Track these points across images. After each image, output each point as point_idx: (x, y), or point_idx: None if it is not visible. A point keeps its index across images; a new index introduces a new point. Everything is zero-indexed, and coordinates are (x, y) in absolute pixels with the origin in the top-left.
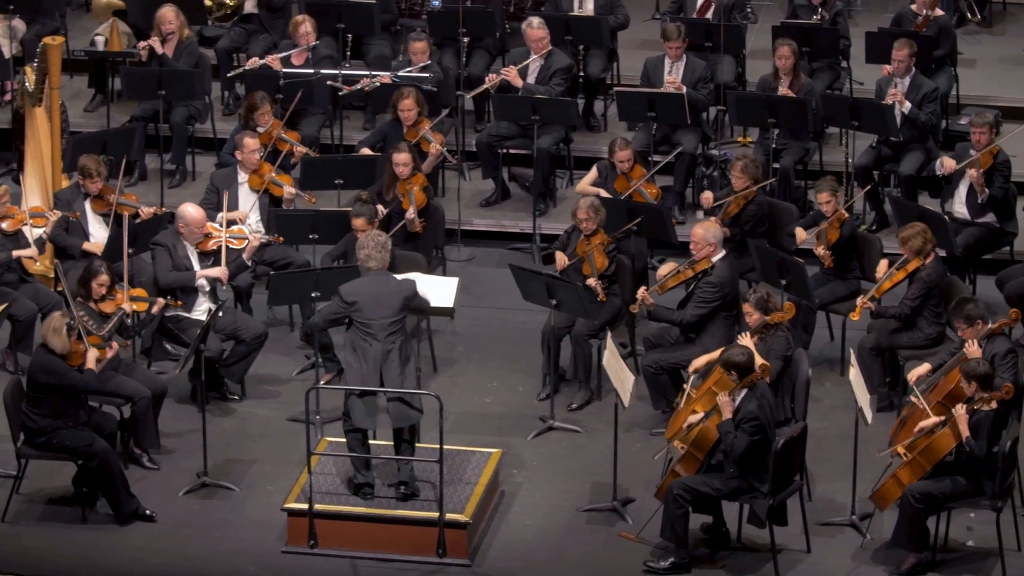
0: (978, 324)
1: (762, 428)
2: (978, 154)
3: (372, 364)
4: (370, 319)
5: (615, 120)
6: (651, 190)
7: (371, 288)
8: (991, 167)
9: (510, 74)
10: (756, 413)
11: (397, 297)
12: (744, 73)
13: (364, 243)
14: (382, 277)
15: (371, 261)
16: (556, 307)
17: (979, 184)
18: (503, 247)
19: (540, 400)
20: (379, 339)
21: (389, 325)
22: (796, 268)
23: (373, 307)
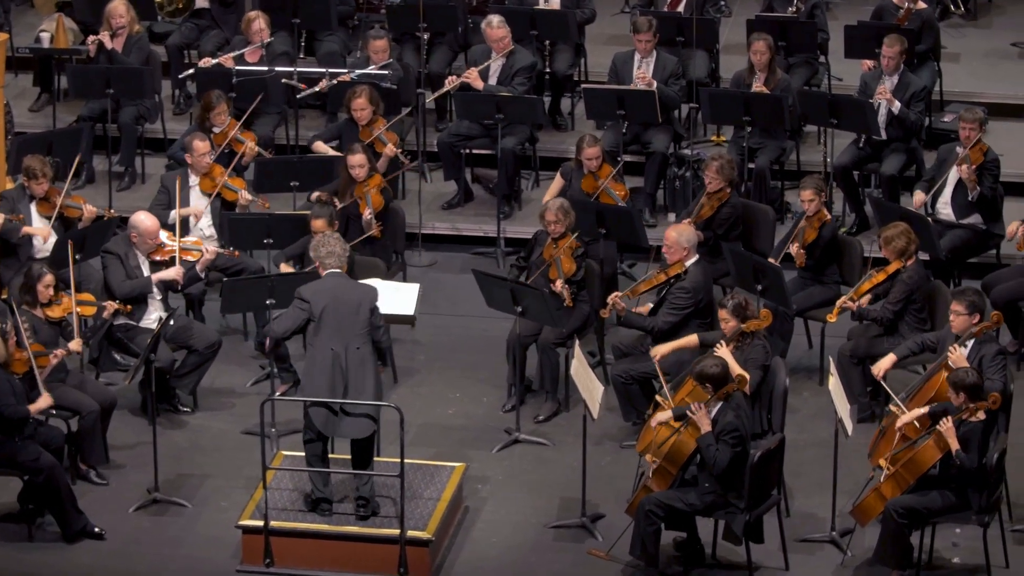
0: (975, 316)
1: (742, 440)
2: (967, 150)
3: (332, 368)
4: (330, 321)
5: (583, 119)
6: (620, 190)
7: (331, 289)
8: (980, 166)
9: (471, 76)
10: (736, 424)
11: (360, 303)
12: (717, 69)
13: (323, 242)
14: (342, 279)
15: (331, 258)
16: (521, 314)
17: (971, 180)
18: (466, 252)
19: (505, 412)
20: (340, 342)
21: (350, 328)
22: (772, 273)
23: (333, 309)
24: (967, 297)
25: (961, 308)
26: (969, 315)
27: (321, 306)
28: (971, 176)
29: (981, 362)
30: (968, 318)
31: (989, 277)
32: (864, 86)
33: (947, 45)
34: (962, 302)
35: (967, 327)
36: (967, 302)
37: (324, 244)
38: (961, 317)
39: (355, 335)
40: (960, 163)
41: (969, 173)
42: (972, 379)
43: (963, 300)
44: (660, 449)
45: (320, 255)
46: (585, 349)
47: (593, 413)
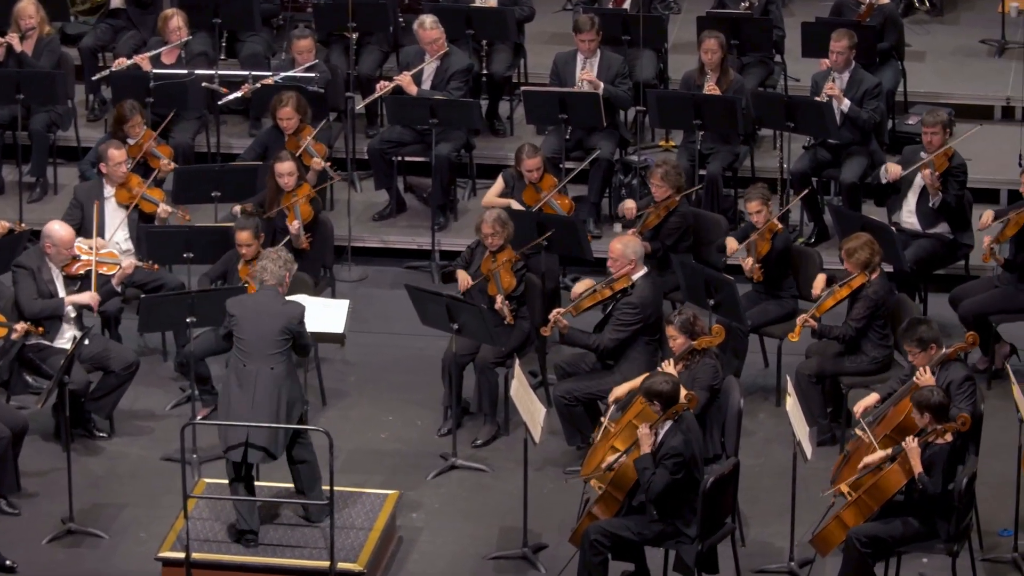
0: (932, 349)
1: (685, 465)
2: (931, 155)
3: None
4: (246, 337)
5: (522, 123)
6: (563, 202)
7: (255, 302)
8: (945, 171)
9: (403, 81)
10: (680, 449)
11: (279, 319)
12: (666, 69)
13: (266, 254)
14: (270, 295)
15: (265, 274)
16: (458, 332)
17: (934, 186)
18: (398, 265)
19: (441, 436)
20: (254, 360)
21: (269, 345)
22: (725, 287)
23: (252, 324)
24: (912, 336)
25: (913, 348)
26: (924, 351)
27: (239, 319)
28: (935, 183)
29: (948, 388)
30: (925, 354)
31: (957, 290)
32: (815, 87)
33: (911, 43)
34: (911, 343)
35: (929, 360)
36: (915, 341)
37: (264, 257)
38: (918, 356)
39: (270, 354)
40: (923, 168)
41: (933, 179)
42: (938, 398)
43: (911, 340)
44: (606, 475)
45: (254, 269)
46: (526, 369)
47: (535, 437)
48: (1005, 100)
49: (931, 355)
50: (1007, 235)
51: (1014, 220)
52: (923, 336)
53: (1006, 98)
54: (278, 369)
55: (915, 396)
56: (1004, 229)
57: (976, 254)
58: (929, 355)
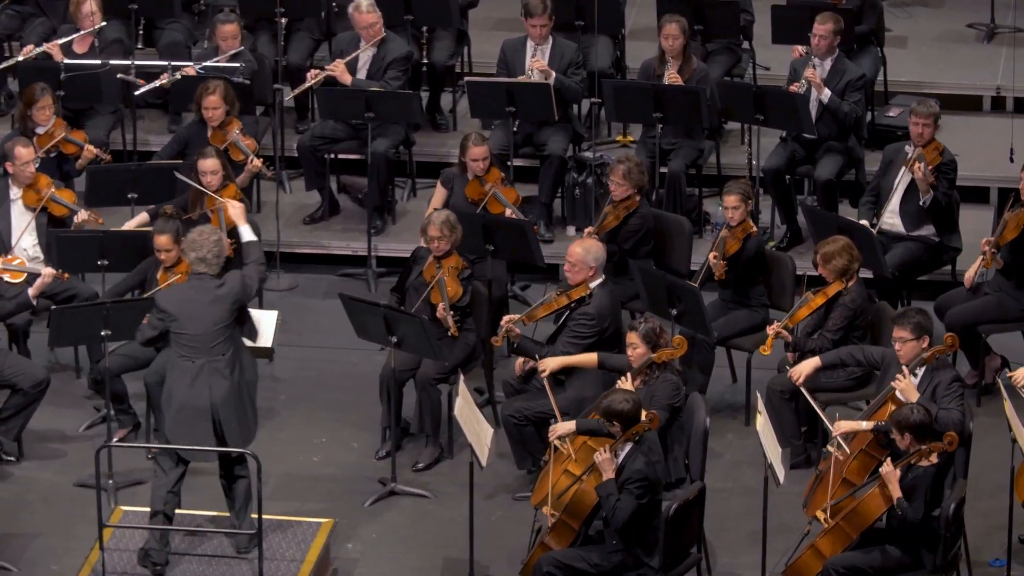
0: (924, 340)
1: (651, 490)
2: (920, 149)
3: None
4: (190, 331)
5: (466, 117)
6: (510, 194)
7: (188, 294)
8: (936, 167)
9: (337, 69)
10: (645, 472)
11: (221, 304)
12: (623, 57)
13: (199, 243)
14: (205, 282)
15: (202, 266)
16: (397, 345)
17: (927, 181)
18: (331, 273)
19: (379, 459)
20: (203, 354)
21: (214, 335)
22: (689, 295)
23: (194, 318)
24: (910, 319)
25: (906, 333)
26: (917, 339)
27: (179, 317)
28: (928, 177)
29: (935, 392)
30: (916, 343)
31: (943, 298)
32: (793, 73)
33: (892, 27)
34: (905, 326)
35: (916, 354)
36: (912, 324)
37: (195, 247)
38: (908, 344)
39: (214, 345)
40: (913, 163)
41: (925, 174)
42: (918, 417)
43: (906, 323)
44: (559, 500)
45: (190, 259)
46: (471, 385)
47: (481, 460)
48: (995, 90)
49: (920, 348)
50: (1007, 238)
51: (1013, 222)
52: (921, 323)
53: (996, 88)
54: (228, 353)
55: (893, 415)
56: (1003, 231)
57: (964, 258)
58: (919, 347)
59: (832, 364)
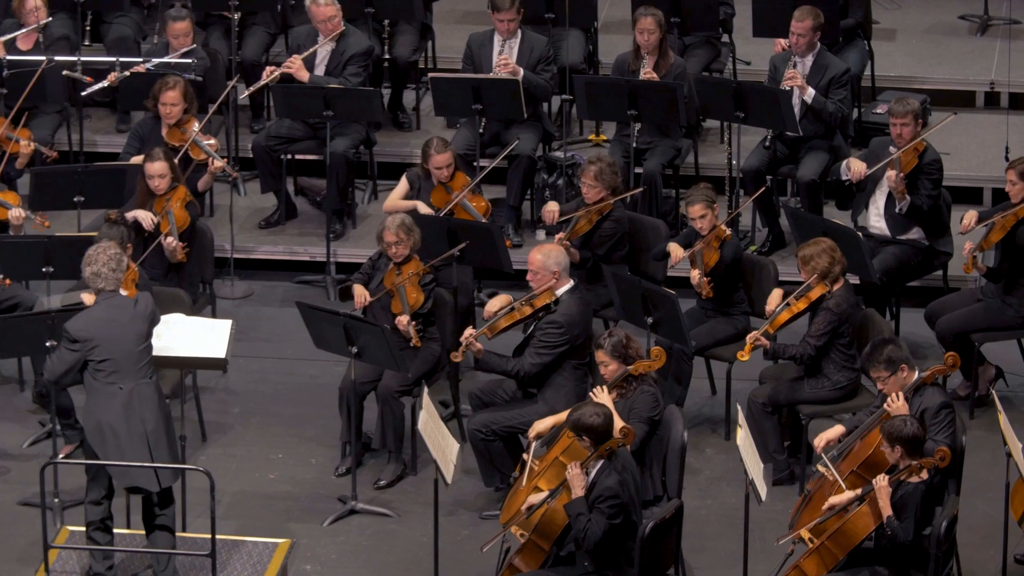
0: (903, 371)
1: (624, 508)
2: (899, 151)
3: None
4: (115, 355)
5: (430, 115)
6: (478, 203)
7: (108, 315)
8: (916, 168)
9: (293, 65)
10: (616, 490)
11: (139, 323)
12: (596, 52)
13: (93, 258)
14: (118, 300)
15: (100, 281)
16: (357, 356)
17: (899, 190)
18: (288, 280)
19: (339, 476)
20: (129, 379)
21: (139, 356)
22: (666, 302)
23: (114, 341)
24: (877, 359)
25: (881, 372)
26: (894, 373)
27: (98, 343)
28: (900, 186)
29: (923, 416)
30: (896, 377)
31: (933, 305)
32: (774, 71)
33: (880, 20)
34: (877, 366)
35: (901, 385)
36: (883, 363)
37: (92, 262)
38: (889, 382)
39: (141, 366)
40: (889, 167)
41: (897, 182)
42: (911, 430)
43: (877, 363)
44: (529, 520)
45: (86, 276)
46: (435, 398)
47: (447, 477)
48: (989, 85)
49: (903, 379)
50: (992, 241)
51: (1000, 223)
52: (892, 356)
53: (989, 83)
54: (155, 378)
55: (885, 427)
56: (988, 234)
57: (956, 263)
58: (900, 379)
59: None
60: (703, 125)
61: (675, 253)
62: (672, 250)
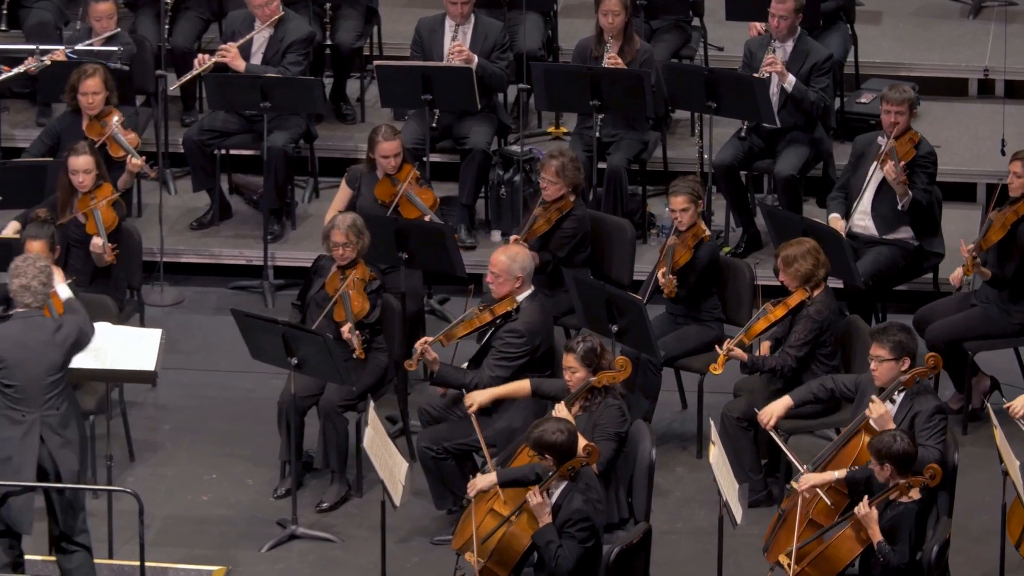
0: (904, 362)
1: (596, 531)
2: (893, 141)
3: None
4: (18, 381)
5: (376, 106)
6: (425, 195)
7: (22, 336)
8: (911, 161)
9: (228, 53)
10: (587, 511)
11: (54, 351)
12: (556, 37)
13: (22, 270)
14: (37, 320)
15: (24, 294)
16: (297, 368)
17: (900, 182)
18: (223, 285)
19: (278, 498)
20: (34, 407)
21: (47, 387)
22: (632, 308)
23: (22, 366)
24: (890, 337)
25: (884, 352)
26: (896, 360)
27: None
28: (900, 177)
29: (913, 422)
30: (895, 364)
31: (924, 310)
32: (749, 56)
33: (864, 2)
34: (884, 344)
35: (894, 376)
36: (891, 343)
37: (17, 274)
38: (885, 364)
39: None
40: (884, 160)
41: (897, 173)
42: (902, 445)
43: (886, 341)
44: (485, 545)
45: (12, 289)
46: (383, 413)
47: (394, 499)
48: (982, 72)
49: (899, 371)
50: (991, 240)
51: (999, 221)
52: (901, 341)
53: (983, 70)
54: (63, 407)
55: (873, 443)
56: (987, 233)
57: (947, 265)
58: (897, 369)
59: (804, 401)
60: (672, 116)
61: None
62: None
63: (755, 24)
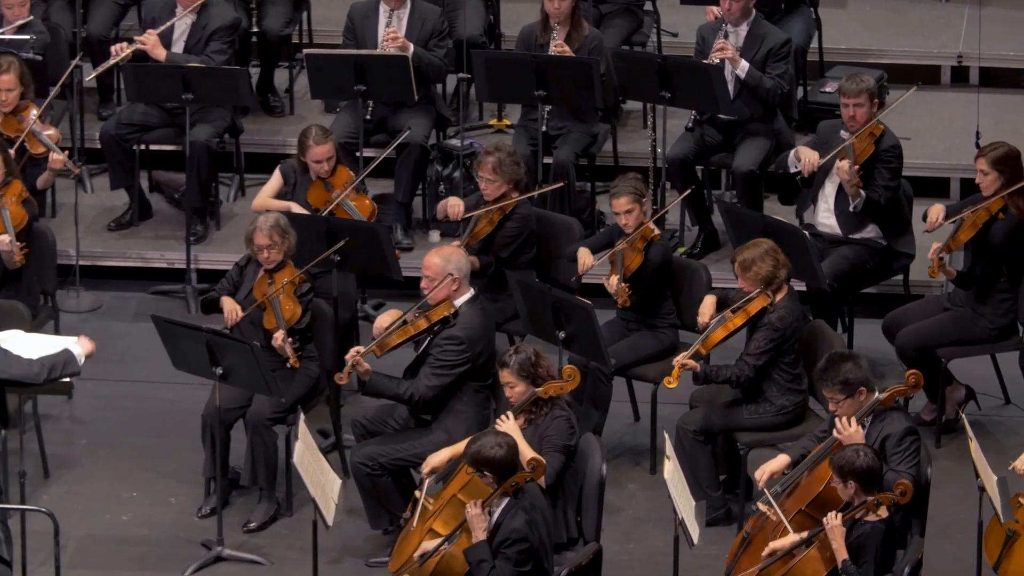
0: (861, 393)
1: (533, 554)
2: (852, 137)
3: None
4: None
5: (306, 98)
6: (362, 203)
7: None
8: (871, 156)
9: (148, 42)
10: (524, 532)
11: None
12: (498, 23)
13: None
14: None
15: None
16: (223, 378)
17: (853, 184)
18: (143, 290)
19: (202, 517)
20: None
21: None
22: (580, 314)
23: None
24: (834, 378)
25: (835, 394)
26: (850, 397)
27: None
28: (853, 179)
29: (883, 446)
30: (853, 401)
31: (893, 315)
32: (702, 43)
33: None
34: (832, 387)
35: (857, 408)
36: (839, 384)
37: None
38: (843, 403)
39: None
40: (840, 157)
41: (851, 175)
42: (864, 461)
43: (832, 384)
44: (422, 568)
45: None
46: (314, 427)
47: (327, 518)
48: (956, 59)
49: (860, 402)
50: (961, 240)
51: (970, 220)
52: (849, 377)
53: (957, 56)
54: None
55: (835, 459)
56: (957, 232)
57: (919, 266)
58: (857, 402)
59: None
60: (623, 107)
61: (583, 259)
62: (581, 256)
63: (711, 8)
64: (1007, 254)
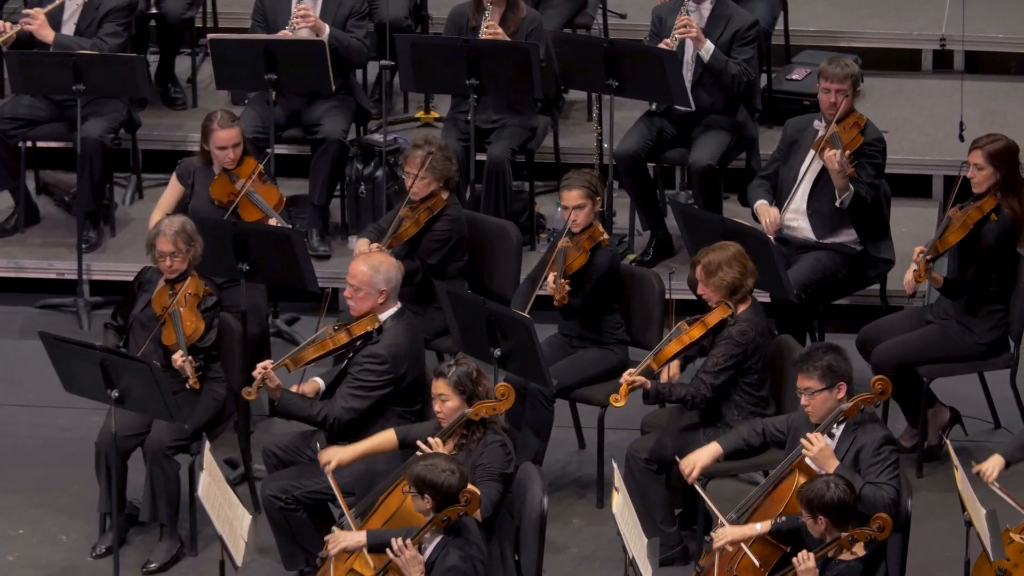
0: (839, 390)
1: None
2: (834, 125)
3: None
4: None
5: (210, 89)
6: (269, 194)
7: None
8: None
9: (35, 21)
10: (464, 569)
11: None
12: (425, 3)
13: None
14: None
15: None
16: (119, 402)
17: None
18: (30, 303)
19: (96, 557)
20: None
21: None
22: (518, 329)
23: None
24: (816, 362)
25: (813, 382)
26: (829, 389)
27: None
28: (847, 168)
29: (858, 458)
30: (828, 394)
31: (869, 329)
32: (659, 24)
33: None
34: (811, 372)
35: (831, 408)
36: (820, 369)
37: None
38: (818, 396)
39: None
40: (823, 148)
41: (843, 164)
42: (836, 494)
43: (812, 368)
44: None
45: None
46: (220, 456)
47: (236, 558)
48: (938, 42)
49: (836, 401)
50: (950, 242)
51: (959, 220)
52: (833, 365)
53: (939, 39)
54: None
55: (803, 491)
56: (945, 233)
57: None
58: (833, 399)
59: (735, 448)
60: (565, 98)
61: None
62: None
63: None
64: (999, 259)
